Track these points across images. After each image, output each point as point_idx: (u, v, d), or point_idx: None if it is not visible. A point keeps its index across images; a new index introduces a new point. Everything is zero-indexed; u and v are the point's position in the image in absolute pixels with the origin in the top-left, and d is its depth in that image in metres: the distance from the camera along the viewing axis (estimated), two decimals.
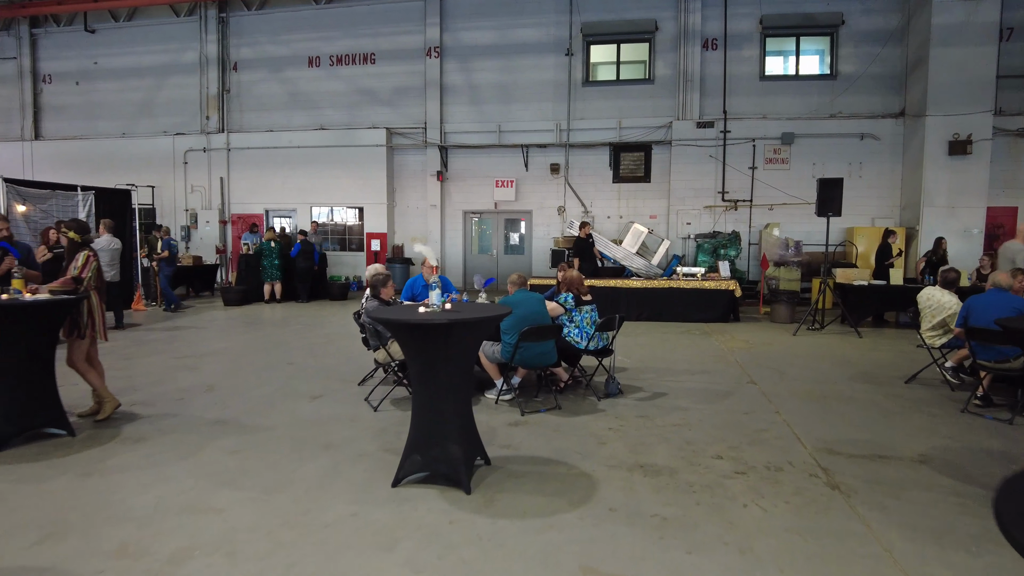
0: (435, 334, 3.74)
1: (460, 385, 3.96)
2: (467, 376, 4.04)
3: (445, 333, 3.73)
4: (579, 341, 6.05)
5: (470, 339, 3.92)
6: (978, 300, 5.77)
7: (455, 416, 3.95)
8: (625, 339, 9.38)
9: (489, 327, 4.06)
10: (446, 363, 3.84)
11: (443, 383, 3.88)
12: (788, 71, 15.60)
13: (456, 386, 3.93)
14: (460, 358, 3.90)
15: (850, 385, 6.74)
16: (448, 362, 3.85)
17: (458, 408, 3.97)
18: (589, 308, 6.17)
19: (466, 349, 3.93)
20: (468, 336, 3.86)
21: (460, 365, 3.91)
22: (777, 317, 11.59)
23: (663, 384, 6.70)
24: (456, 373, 3.90)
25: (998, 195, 14.13)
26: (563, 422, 5.32)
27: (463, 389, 4.01)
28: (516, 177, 16.51)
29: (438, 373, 3.87)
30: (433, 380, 3.89)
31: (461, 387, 3.98)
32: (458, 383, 3.94)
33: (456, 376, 3.90)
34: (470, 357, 4.06)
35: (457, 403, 3.96)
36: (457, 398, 3.95)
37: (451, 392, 3.91)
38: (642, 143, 15.95)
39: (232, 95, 18.14)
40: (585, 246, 13.03)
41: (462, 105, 16.76)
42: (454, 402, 3.93)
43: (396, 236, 17.47)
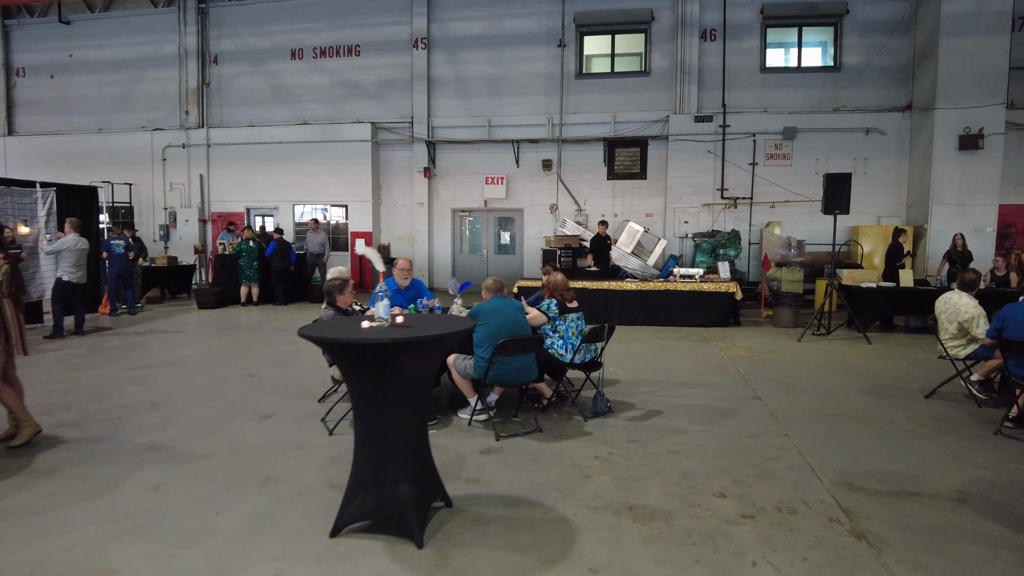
0: (376, 356, 3.08)
1: (410, 415, 3.30)
2: (419, 404, 3.37)
3: (389, 355, 3.06)
4: (563, 353, 5.39)
5: (422, 361, 3.25)
6: (1017, 309, 5.11)
7: (405, 452, 3.28)
8: (618, 346, 8.72)
9: (446, 345, 3.40)
10: (393, 389, 3.17)
11: (390, 413, 3.22)
12: (790, 63, 14.95)
13: (405, 416, 3.26)
14: (410, 383, 3.23)
15: (865, 401, 6.08)
16: (395, 388, 3.18)
17: (409, 442, 3.31)
18: (575, 316, 5.51)
19: (418, 373, 3.26)
20: (419, 358, 3.19)
21: (410, 392, 3.24)
22: (780, 321, 10.94)
23: (658, 400, 6.04)
24: (405, 401, 3.23)
25: (1009, 192, 13.50)
26: (543, 448, 4.66)
27: (415, 419, 3.35)
28: (507, 174, 15.84)
29: (383, 401, 3.20)
30: (377, 410, 3.23)
31: (412, 417, 3.31)
32: (408, 413, 3.27)
33: (405, 405, 3.24)
34: (423, 381, 3.39)
35: (407, 436, 3.29)
36: (407, 430, 3.29)
37: (400, 423, 3.24)
38: (638, 138, 15.28)
39: (212, 89, 17.44)
40: (603, 245, 12.35)
41: (450, 99, 16.08)
42: (403, 435, 3.27)
43: (382, 235, 16.79)
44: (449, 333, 3.17)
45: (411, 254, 16.43)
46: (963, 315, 5.98)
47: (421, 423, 3.43)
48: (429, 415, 5.22)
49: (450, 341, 3.32)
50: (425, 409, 3.51)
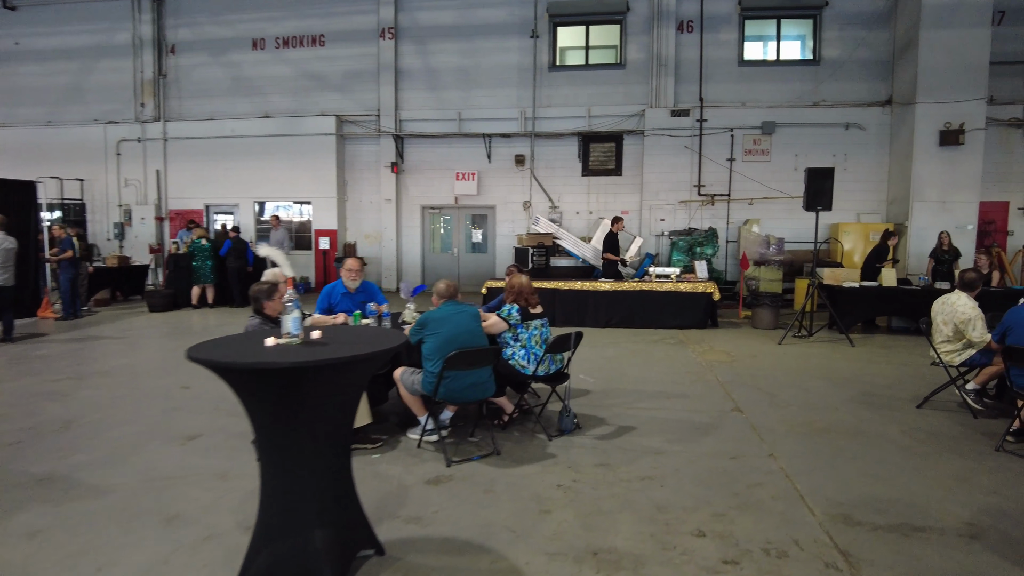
0: (276, 383, 2.49)
1: (326, 451, 2.72)
2: (337, 437, 2.79)
3: (291, 382, 2.48)
4: (525, 365, 4.83)
5: (337, 387, 2.66)
6: (1021, 313, 4.65)
7: (321, 493, 2.70)
8: (591, 351, 8.19)
9: (369, 367, 2.82)
10: (301, 422, 2.59)
11: (299, 449, 2.64)
12: (768, 56, 14.55)
13: (320, 452, 2.68)
14: (322, 414, 2.65)
15: (854, 412, 5.62)
16: (303, 421, 2.60)
17: (325, 482, 2.73)
18: (539, 323, 4.95)
19: (333, 401, 2.68)
20: (332, 384, 2.61)
21: (323, 424, 2.66)
22: (759, 322, 10.51)
23: (631, 413, 5.51)
24: (317, 435, 2.65)
25: (989, 189, 13.24)
26: (500, 476, 4.10)
27: (332, 454, 2.77)
28: (478, 169, 15.25)
29: (289, 436, 2.62)
30: (282, 445, 2.64)
31: (327, 453, 2.73)
32: (322, 448, 2.69)
33: (318, 439, 2.66)
34: (341, 410, 2.81)
35: (323, 475, 2.71)
36: (321, 468, 2.71)
37: (312, 461, 2.66)
38: (613, 133, 14.78)
39: (169, 80, 16.60)
40: (615, 242, 11.84)
41: (419, 91, 15.45)
42: (317, 474, 2.69)
43: (348, 233, 16.10)
44: (370, 353, 2.59)
45: (379, 253, 15.78)
46: (960, 316, 5.54)
47: (340, 458, 2.85)
48: (373, 436, 4.64)
49: (371, 362, 2.73)
50: (347, 441, 2.92)
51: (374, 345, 2.72)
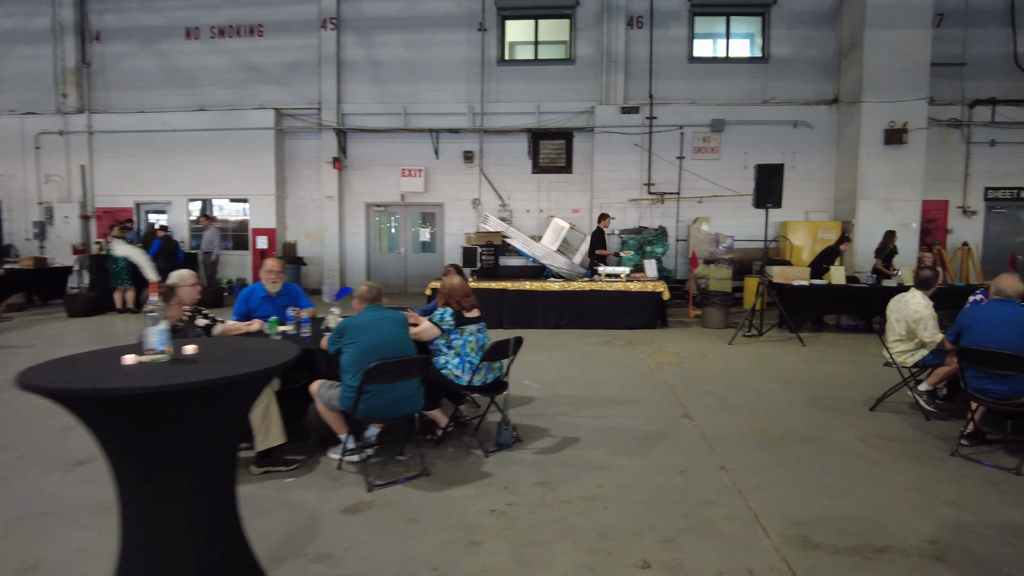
0: (125, 413, 2.02)
1: (199, 490, 2.25)
2: (214, 473, 2.32)
3: (144, 411, 2.01)
4: (459, 375, 4.41)
5: (207, 416, 2.20)
6: (977, 314, 4.47)
7: (195, 548, 2.23)
8: (537, 355, 7.83)
9: (249, 389, 2.36)
10: (161, 459, 2.13)
11: (163, 491, 2.17)
12: (718, 53, 14.47)
13: (193, 492, 2.21)
14: (196, 448, 2.18)
15: (807, 416, 5.39)
16: (172, 456, 2.13)
17: (199, 526, 2.26)
18: (475, 328, 4.55)
19: (207, 433, 2.22)
20: (201, 412, 2.15)
21: (193, 461, 2.20)
22: (709, 322, 10.33)
23: (576, 422, 5.16)
24: (185, 473, 2.18)
25: (929, 188, 13.39)
26: (427, 500, 3.67)
27: (208, 494, 2.30)
28: (425, 166, 14.75)
29: (148, 478, 2.14)
30: (141, 486, 2.17)
31: (201, 493, 2.26)
32: (195, 488, 2.22)
33: (187, 478, 2.19)
34: (220, 444, 2.34)
35: (195, 519, 2.24)
36: (194, 511, 2.24)
37: (181, 503, 2.19)
38: (563, 130, 14.49)
39: (95, 70, 15.57)
40: (603, 239, 11.45)
41: (363, 84, 14.85)
42: (188, 518, 2.22)
43: (288, 232, 15.38)
44: (249, 373, 2.14)
45: (321, 253, 15.13)
46: (912, 315, 5.36)
47: (221, 496, 2.38)
48: (287, 458, 4.15)
49: (253, 383, 2.28)
50: (229, 480, 2.45)
51: (257, 362, 2.26)
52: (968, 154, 13.81)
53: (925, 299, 5.43)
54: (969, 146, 13.79)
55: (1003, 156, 13.77)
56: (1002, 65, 13.62)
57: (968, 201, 13.89)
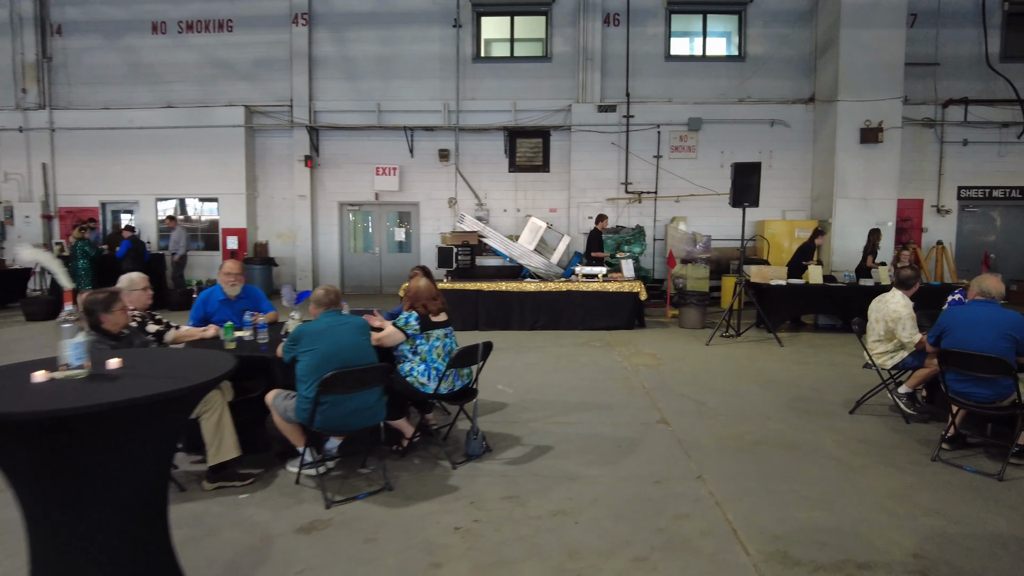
0: (25, 438, 1.78)
1: (119, 523, 2.02)
2: (137, 504, 2.09)
3: (49, 436, 1.78)
4: (425, 382, 4.19)
5: (132, 439, 1.97)
6: (958, 315, 4.35)
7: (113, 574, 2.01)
8: (512, 357, 7.65)
9: (176, 408, 2.13)
10: (85, 490, 1.89)
11: (78, 524, 1.93)
12: (695, 52, 14.38)
13: (112, 525, 1.98)
14: (117, 478, 1.95)
15: (786, 420, 5.26)
16: (88, 488, 1.90)
17: (120, 559, 2.03)
18: (442, 333, 4.33)
19: (130, 460, 1.99)
20: (122, 436, 1.92)
21: (119, 490, 1.97)
22: (686, 322, 10.22)
23: (549, 429, 4.97)
24: (104, 506, 1.95)
25: (904, 187, 13.43)
26: (388, 518, 3.46)
27: (129, 527, 2.07)
28: (400, 164, 14.48)
29: (67, 510, 1.91)
30: (57, 524, 1.93)
31: (121, 525, 2.03)
32: (115, 521, 1.99)
33: (105, 510, 1.96)
34: (148, 471, 2.11)
35: (115, 550, 2.01)
36: (113, 546, 2.01)
37: (99, 538, 1.96)
38: (540, 128, 14.31)
39: (56, 64, 15.05)
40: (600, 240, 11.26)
41: (335, 80, 14.54)
42: (110, 548, 1.99)
43: (259, 232, 15.02)
44: (173, 391, 1.91)
45: (293, 253, 14.79)
46: (892, 315, 5.26)
47: (147, 525, 2.15)
48: (241, 472, 3.92)
49: (179, 403, 2.05)
50: (158, 501, 2.22)
51: (184, 378, 2.04)
52: (942, 153, 13.89)
53: (905, 299, 5.33)
54: (943, 145, 13.86)
55: (975, 156, 13.87)
56: (974, 65, 13.71)
57: (942, 200, 13.97)
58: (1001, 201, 14.06)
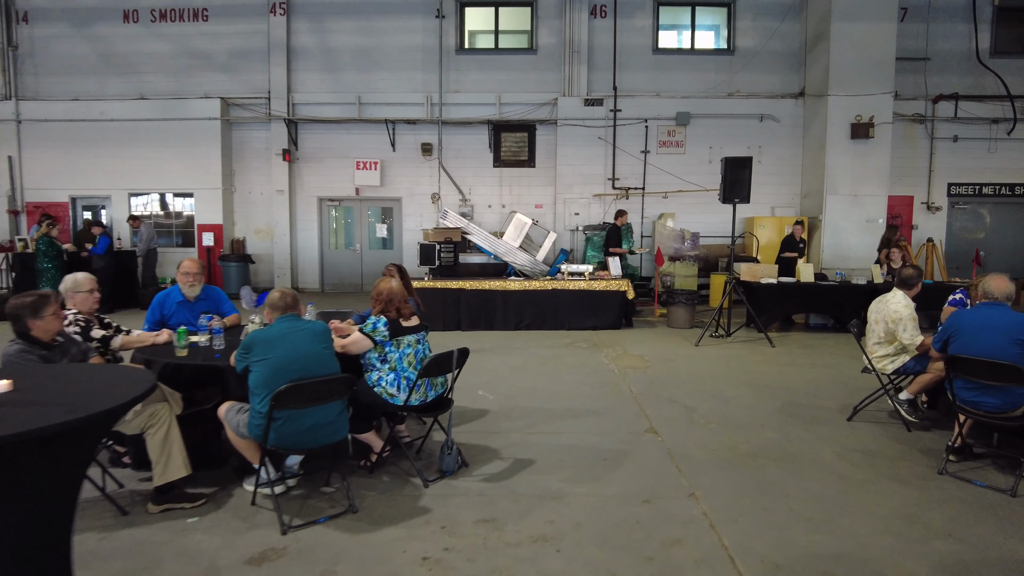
0: None
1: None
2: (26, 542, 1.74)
3: None
4: (395, 393, 3.85)
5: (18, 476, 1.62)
6: (965, 319, 4.07)
7: None
8: (496, 359, 7.33)
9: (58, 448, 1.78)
10: None
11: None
12: (683, 45, 14.10)
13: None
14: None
15: (781, 429, 4.97)
16: None
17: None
18: (414, 339, 3.99)
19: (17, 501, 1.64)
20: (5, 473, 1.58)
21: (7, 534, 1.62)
22: (675, 322, 9.94)
23: (532, 440, 4.65)
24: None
25: (893, 183, 13.23)
26: (350, 545, 3.12)
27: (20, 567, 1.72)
28: (381, 158, 14.09)
29: None
30: None
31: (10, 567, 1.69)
32: None
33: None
34: (42, 512, 1.76)
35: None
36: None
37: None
38: (525, 122, 13.98)
39: (23, 53, 14.49)
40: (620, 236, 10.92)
41: (314, 72, 14.11)
42: None
43: (236, 228, 14.58)
44: (59, 424, 1.57)
45: (271, 250, 14.37)
46: (892, 316, 4.99)
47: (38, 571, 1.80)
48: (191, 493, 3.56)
49: (69, 437, 1.70)
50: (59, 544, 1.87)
51: (81, 407, 1.69)
52: (932, 150, 13.72)
53: (906, 299, 5.06)
54: (933, 142, 13.70)
55: (966, 152, 13.71)
56: (964, 61, 13.54)
57: (932, 197, 13.80)
58: (991, 198, 13.93)
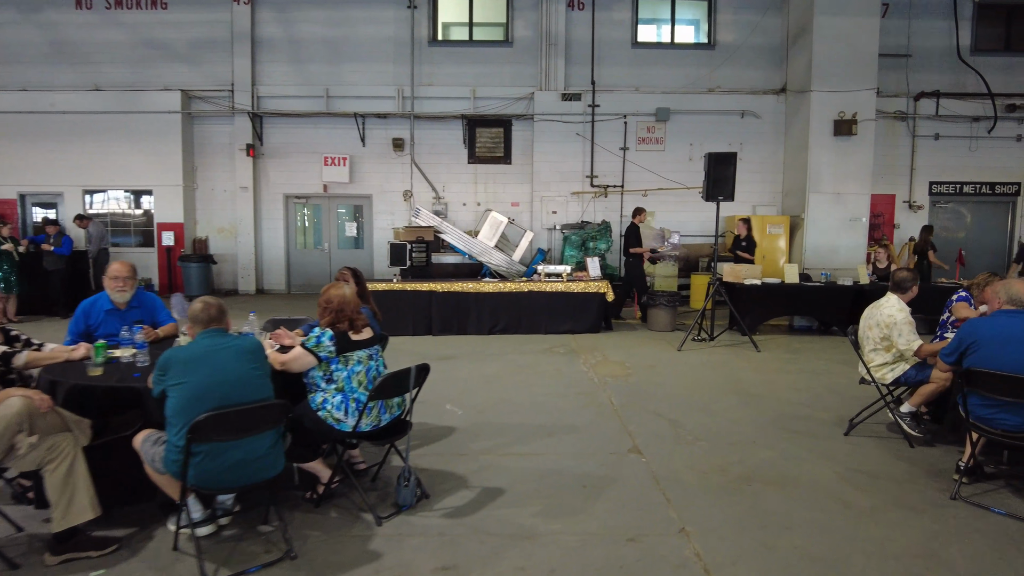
0: None
1: None
2: None
3: None
4: (342, 418, 3.35)
5: None
6: (984, 328, 3.68)
7: None
8: (468, 368, 6.85)
9: None
10: None
11: None
12: (663, 39, 13.73)
13: None
14: None
15: (775, 445, 4.56)
16: None
17: None
18: (364, 355, 3.48)
19: None
20: None
21: None
22: (656, 324, 9.54)
23: (503, 463, 4.19)
24: None
25: (876, 182, 12.98)
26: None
27: None
28: (351, 154, 13.52)
29: None
30: None
31: None
32: None
33: None
34: None
35: None
36: None
37: None
38: (500, 117, 13.50)
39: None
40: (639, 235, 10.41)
41: (280, 64, 13.49)
42: None
43: (198, 227, 13.89)
44: None
45: (235, 249, 13.71)
46: (885, 319, 4.62)
47: None
48: (98, 538, 3.03)
49: None
50: None
51: None
52: (914, 147, 13.51)
53: (900, 303, 4.69)
54: (914, 139, 13.49)
55: (946, 150, 13.53)
56: (946, 58, 13.34)
57: (914, 196, 13.60)
58: (972, 197, 13.76)
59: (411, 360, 3.55)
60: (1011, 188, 13.71)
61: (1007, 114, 13.31)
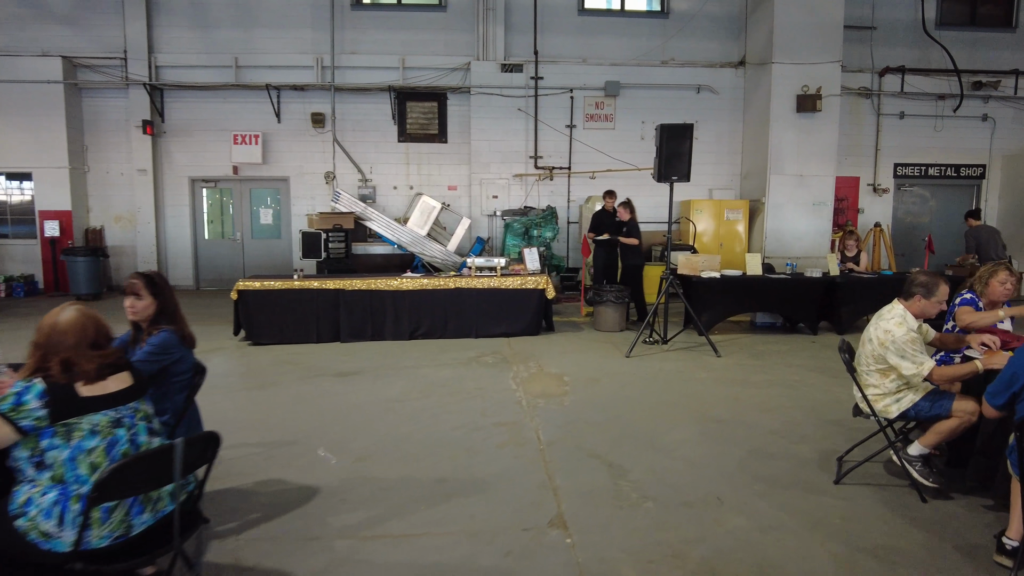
0: None
1: None
2: None
3: None
4: (53, 532, 2.02)
5: None
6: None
7: None
8: (366, 388, 5.55)
9: None
10: None
11: None
12: (612, 5, 12.49)
13: None
14: None
15: (747, 505, 3.40)
16: None
17: None
18: (107, 420, 2.14)
19: None
20: None
21: None
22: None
23: (368, 553, 2.92)
24: None
25: (839, 163, 12.05)
26: None
27: None
28: (264, 131, 11.97)
29: None
30: None
31: None
32: None
33: None
34: None
35: None
36: None
37: None
38: (434, 90, 12.11)
39: None
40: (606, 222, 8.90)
41: (181, 28, 11.80)
42: None
43: (92, 215, 12.14)
44: None
45: (134, 240, 12.04)
46: (881, 337, 3.50)
47: None
48: None
49: None
50: None
51: None
52: (879, 127, 12.66)
53: (906, 315, 3.56)
54: (879, 118, 12.63)
55: (912, 130, 12.72)
56: (911, 31, 12.49)
57: (879, 179, 12.75)
58: (936, 179, 12.99)
59: (297, 379, 2.23)
60: (976, 171, 12.99)
61: (973, 91, 12.55)
